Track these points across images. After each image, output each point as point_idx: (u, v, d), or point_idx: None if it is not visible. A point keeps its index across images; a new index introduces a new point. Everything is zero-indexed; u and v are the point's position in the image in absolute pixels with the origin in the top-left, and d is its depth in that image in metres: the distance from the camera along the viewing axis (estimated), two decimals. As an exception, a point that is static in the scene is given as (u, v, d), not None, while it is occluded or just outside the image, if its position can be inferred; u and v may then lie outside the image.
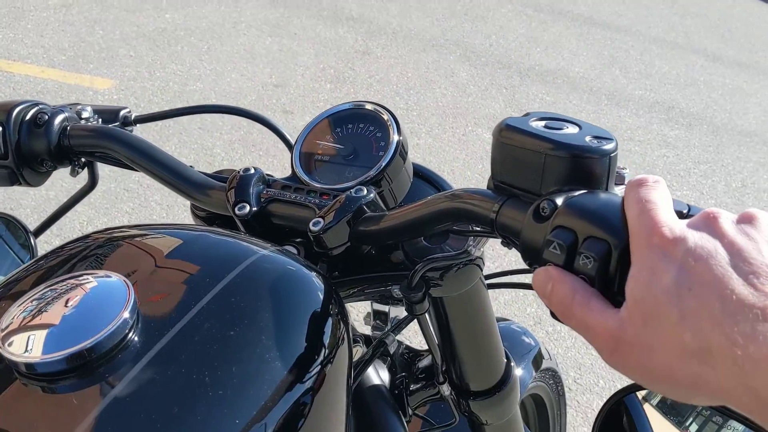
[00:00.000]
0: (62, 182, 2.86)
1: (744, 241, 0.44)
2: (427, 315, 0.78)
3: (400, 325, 0.88)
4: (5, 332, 0.51)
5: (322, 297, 0.60)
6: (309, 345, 0.56)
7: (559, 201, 0.51)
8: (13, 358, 0.49)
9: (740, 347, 0.41)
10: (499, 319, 1.35)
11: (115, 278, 0.54)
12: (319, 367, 0.56)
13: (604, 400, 2.16)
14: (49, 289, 0.54)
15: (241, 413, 0.49)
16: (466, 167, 3.41)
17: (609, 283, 0.48)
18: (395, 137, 0.73)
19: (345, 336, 0.61)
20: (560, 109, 4.12)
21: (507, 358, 0.90)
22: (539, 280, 0.50)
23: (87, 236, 0.65)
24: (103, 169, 3.00)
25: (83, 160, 0.90)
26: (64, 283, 0.54)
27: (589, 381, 2.38)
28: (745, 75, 5.00)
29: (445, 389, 0.87)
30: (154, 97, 3.58)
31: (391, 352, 0.95)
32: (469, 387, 0.88)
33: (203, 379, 0.50)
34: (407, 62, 4.35)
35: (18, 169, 0.85)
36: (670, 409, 0.77)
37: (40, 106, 0.86)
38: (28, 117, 0.84)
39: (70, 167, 0.89)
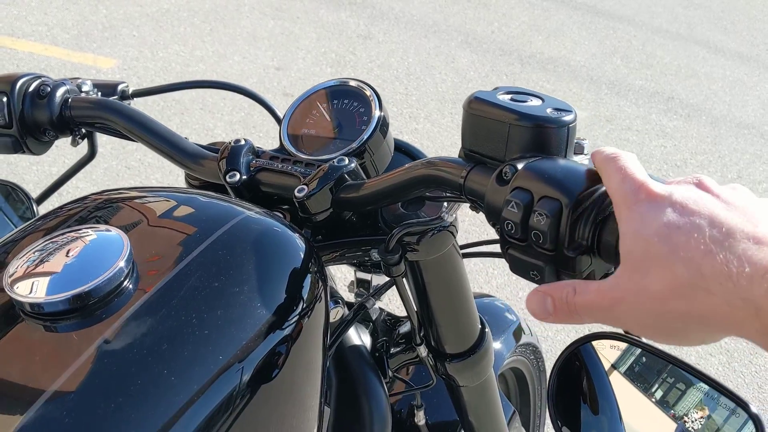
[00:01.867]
0: (65, 159, 2.90)
1: (729, 192, 0.47)
2: (405, 280, 0.83)
3: (380, 290, 0.92)
4: (12, 278, 0.55)
5: (302, 255, 0.64)
6: (288, 297, 0.60)
7: (520, 166, 0.55)
8: (20, 299, 0.53)
9: (734, 266, 0.41)
10: (483, 295, 1.39)
11: (114, 232, 0.59)
12: (297, 318, 0.60)
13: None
14: (50, 241, 0.58)
15: (223, 352, 0.54)
16: (464, 153, 3.44)
17: (560, 239, 0.53)
18: (377, 112, 0.78)
19: (323, 294, 0.65)
20: (560, 97, 4.15)
21: (482, 324, 0.94)
22: (536, 303, 0.52)
23: (85, 197, 0.69)
24: (105, 147, 3.03)
25: (83, 130, 0.94)
26: (65, 236, 0.59)
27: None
28: (745, 67, 5.01)
29: (423, 351, 0.91)
30: (156, 77, 3.60)
31: (373, 318, 1.00)
32: (445, 349, 0.92)
33: (190, 321, 0.54)
34: (408, 47, 4.36)
35: (21, 137, 0.89)
36: (637, 377, 0.80)
37: (43, 79, 0.91)
38: (31, 89, 0.89)
39: (70, 137, 0.94)
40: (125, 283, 0.55)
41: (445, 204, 0.76)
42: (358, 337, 0.95)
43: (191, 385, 0.52)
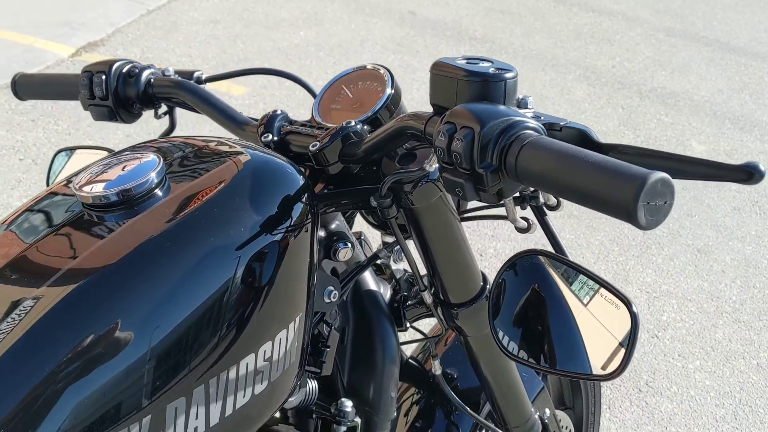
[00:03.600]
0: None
1: None
2: (412, 241, 0.96)
3: (391, 245, 1.04)
4: (79, 184, 0.76)
5: (298, 186, 0.81)
6: (280, 213, 0.77)
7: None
8: (83, 194, 0.74)
9: None
10: None
11: (153, 156, 0.78)
12: (285, 231, 0.76)
13: (675, 404, 2.14)
14: (114, 158, 0.80)
15: (223, 247, 0.72)
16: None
17: (474, 159, 0.67)
18: (388, 90, 0.93)
19: (310, 223, 0.80)
20: (677, 131, 4.06)
21: (484, 278, 1.02)
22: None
23: (154, 140, 0.91)
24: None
25: (164, 106, 1.15)
26: (124, 156, 0.80)
27: (661, 385, 2.36)
28: None
29: (428, 298, 1.00)
30: (280, 103, 3.89)
31: (398, 277, 1.10)
32: (449, 299, 1.00)
33: (202, 217, 0.73)
34: (524, 79, 4.43)
35: (116, 108, 1.11)
36: (564, 276, 0.87)
37: (134, 63, 1.13)
38: (124, 70, 1.11)
39: (153, 110, 1.15)
40: (156, 190, 0.75)
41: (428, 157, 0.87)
42: (377, 287, 1.05)
43: (200, 265, 0.70)
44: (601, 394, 1.68)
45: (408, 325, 1.09)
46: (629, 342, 0.76)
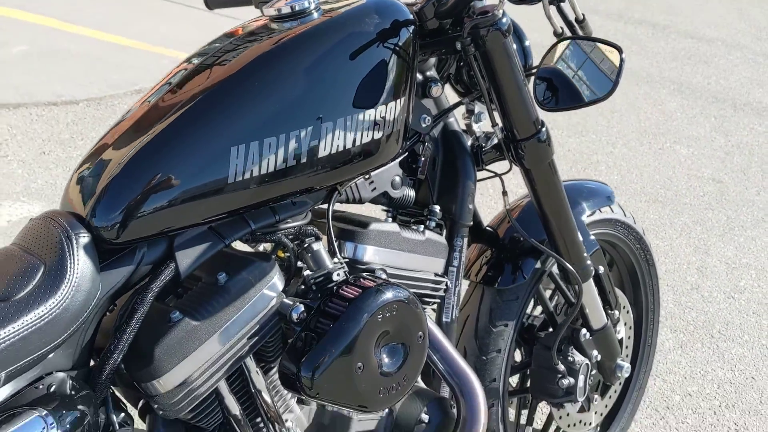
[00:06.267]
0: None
1: None
2: (486, 90, 1.29)
3: (472, 95, 1.39)
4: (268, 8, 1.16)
5: (408, 18, 1.20)
6: (393, 33, 1.17)
7: None
8: (266, 10, 1.13)
9: None
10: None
11: None
12: (395, 45, 1.16)
13: (745, 349, 2.34)
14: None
15: (361, 34, 1.16)
16: (655, 172, 3.66)
17: None
18: None
19: (412, 48, 1.19)
20: (770, 136, 4.19)
21: (542, 122, 1.34)
22: None
23: None
24: None
25: None
26: None
27: (733, 334, 2.54)
28: None
29: (499, 134, 1.33)
30: None
31: (477, 134, 1.44)
32: (517, 135, 1.32)
33: (342, 22, 1.17)
34: (617, 91, 4.67)
35: None
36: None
37: None
38: None
39: None
40: (315, 13, 1.14)
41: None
42: (462, 134, 1.40)
43: (341, 46, 1.13)
44: (659, 296, 1.92)
45: (483, 165, 1.42)
46: (617, 75, 1.26)
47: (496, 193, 1.51)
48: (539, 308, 1.69)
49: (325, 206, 1.19)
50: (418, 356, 1.11)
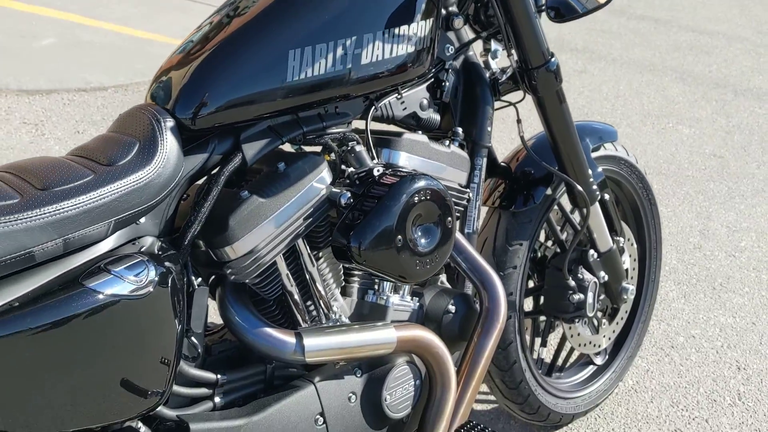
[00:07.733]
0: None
1: None
2: (503, 25, 1.46)
3: (490, 31, 1.55)
4: None
5: None
6: None
7: None
8: None
9: None
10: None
11: None
12: None
13: (746, 299, 2.47)
14: None
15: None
16: (659, 149, 3.82)
17: None
18: None
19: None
20: (769, 117, 4.34)
21: (552, 53, 1.51)
22: None
23: None
24: None
25: None
26: None
27: (734, 286, 2.68)
28: None
29: (513, 62, 1.49)
30: None
31: (493, 69, 1.60)
32: (530, 64, 1.49)
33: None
34: (620, 79, 4.85)
35: None
36: None
37: None
38: None
39: None
40: None
41: None
42: (481, 66, 1.57)
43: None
44: (661, 233, 2.07)
45: (499, 96, 1.59)
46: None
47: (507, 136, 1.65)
48: (550, 242, 1.85)
49: (363, 121, 1.36)
50: (448, 238, 1.27)
